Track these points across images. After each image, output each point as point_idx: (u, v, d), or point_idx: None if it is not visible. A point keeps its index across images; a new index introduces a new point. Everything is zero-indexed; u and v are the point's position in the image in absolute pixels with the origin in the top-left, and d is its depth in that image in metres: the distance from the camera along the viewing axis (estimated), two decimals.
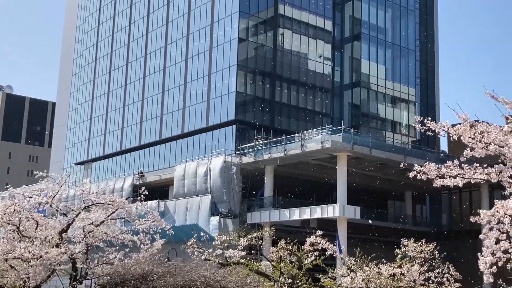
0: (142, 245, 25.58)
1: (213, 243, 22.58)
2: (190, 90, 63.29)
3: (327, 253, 22.04)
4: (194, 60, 63.39)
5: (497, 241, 12.72)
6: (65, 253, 23.08)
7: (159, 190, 59.39)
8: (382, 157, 49.95)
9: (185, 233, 44.08)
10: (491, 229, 12.71)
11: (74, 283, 24.13)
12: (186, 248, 23.08)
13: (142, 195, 26.11)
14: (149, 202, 53.49)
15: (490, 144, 11.62)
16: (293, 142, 50.22)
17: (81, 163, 77.72)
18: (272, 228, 24.78)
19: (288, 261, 21.92)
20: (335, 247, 22.41)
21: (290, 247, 22.07)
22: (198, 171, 53.45)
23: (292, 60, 62.16)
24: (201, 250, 22.77)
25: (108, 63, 76.62)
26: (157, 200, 55.09)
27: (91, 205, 25.26)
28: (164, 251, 31.81)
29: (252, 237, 22.26)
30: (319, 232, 22.09)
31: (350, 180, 49.88)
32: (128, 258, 25.61)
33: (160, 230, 26.36)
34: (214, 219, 50.12)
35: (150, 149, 67.41)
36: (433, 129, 12.09)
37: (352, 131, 50.19)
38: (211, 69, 61.02)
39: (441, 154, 59.06)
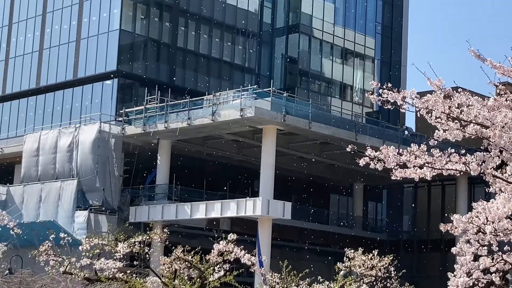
0: None
1: (79, 249, 22.42)
2: (51, 25, 62.03)
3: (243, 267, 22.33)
4: None
5: (475, 257, 12.97)
6: None
7: (0, 170, 58.33)
8: (325, 133, 50.95)
9: (36, 234, 43.42)
10: (468, 241, 12.91)
11: None
12: (38, 256, 22.78)
13: None
14: None
15: (469, 123, 11.62)
16: (201, 108, 50.31)
17: None
18: (166, 230, 24.85)
19: (186, 277, 22.07)
20: (254, 258, 22.73)
21: (189, 258, 22.22)
22: (60, 144, 52.96)
23: None
24: (60, 259, 22.56)
25: None
26: None
27: None
28: (4, 259, 31.25)
29: (135, 242, 22.25)
30: (232, 237, 22.33)
31: (279, 165, 50.58)
32: None
33: None
34: (81, 215, 50.06)
35: None
36: (392, 100, 11.79)
37: (285, 95, 50.80)
38: None
39: (406, 133, 60.85)
